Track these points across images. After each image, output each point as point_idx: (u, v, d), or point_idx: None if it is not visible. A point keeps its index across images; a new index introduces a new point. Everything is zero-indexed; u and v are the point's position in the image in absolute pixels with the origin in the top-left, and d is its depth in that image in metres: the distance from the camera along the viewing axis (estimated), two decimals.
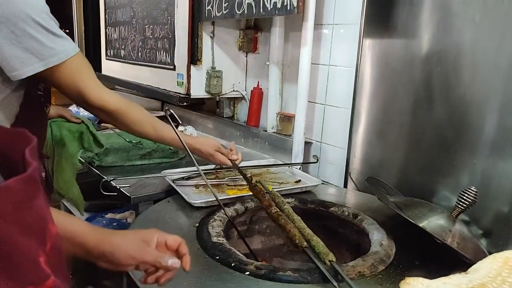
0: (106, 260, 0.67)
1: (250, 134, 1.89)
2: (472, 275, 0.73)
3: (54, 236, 0.38)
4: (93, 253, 0.66)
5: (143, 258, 0.68)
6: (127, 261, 0.67)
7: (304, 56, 1.50)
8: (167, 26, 1.94)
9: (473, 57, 1.11)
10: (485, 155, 1.09)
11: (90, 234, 0.67)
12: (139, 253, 0.68)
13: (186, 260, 0.73)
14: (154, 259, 0.68)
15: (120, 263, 0.67)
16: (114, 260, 0.67)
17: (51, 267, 0.36)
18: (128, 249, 0.68)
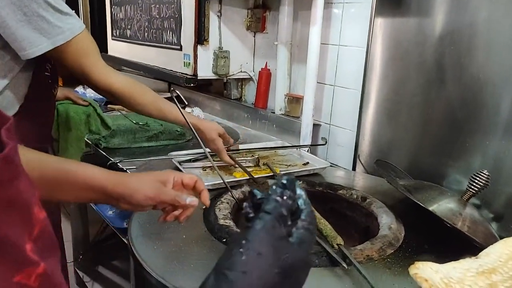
0: (125, 202, 0.69)
1: (257, 116, 1.87)
2: (483, 260, 0.72)
3: (42, 221, 0.36)
4: (112, 195, 0.69)
5: (160, 198, 0.70)
6: (145, 201, 0.70)
7: (313, 35, 1.47)
8: (174, 5, 1.91)
9: (488, 36, 1.07)
10: (499, 137, 1.06)
11: (107, 178, 0.69)
12: (157, 193, 0.70)
13: (204, 195, 0.76)
14: (171, 198, 0.71)
15: (139, 204, 0.70)
16: (133, 202, 0.69)
17: (40, 254, 0.34)
18: (146, 190, 0.70)
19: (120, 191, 0.69)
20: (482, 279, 0.66)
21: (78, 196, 0.70)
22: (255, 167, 1.31)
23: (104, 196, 0.69)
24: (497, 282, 0.65)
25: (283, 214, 0.43)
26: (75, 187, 0.68)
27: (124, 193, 0.69)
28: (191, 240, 0.88)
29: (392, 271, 0.80)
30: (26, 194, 0.35)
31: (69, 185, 0.67)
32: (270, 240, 0.41)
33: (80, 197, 0.70)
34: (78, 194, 0.69)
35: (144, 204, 0.70)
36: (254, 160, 1.33)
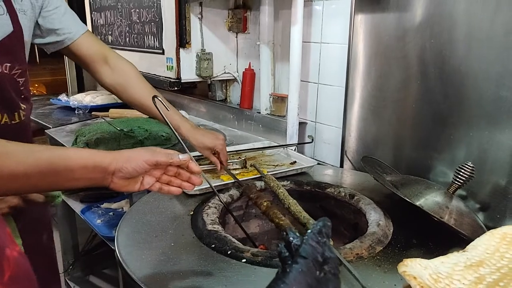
0: (121, 175, 0.73)
1: (243, 116, 1.86)
2: (470, 253, 0.72)
3: (14, 260, 0.35)
4: (109, 169, 0.72)
5: (156, 159, 0.74)
6: (142, 165, 0.74)
7: (295, 34, 1.47)
8: (154, 9, 1.89)
9: (468, 28, 1.08)
10: (482, 128, 1.07)
11: (103, 155, 0.74)
12: (152, 155, 0.75)
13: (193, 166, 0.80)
14: (166, 157, 0.75)
15: (135, 171, 0.74)
16: (129, 170, 0.73)
17: None
18: (141, 155, 0.75)
19: (118, 162, 0.73)
20: (470, 272, 0.66)
21: (75, 178, 0.71)
22: (242, 169, 1.30)
23: (100, 174, 0.72)
24: (485, 275, 0.65)
25: (318, 259, 0.46)
26: (72, 171, 0.70)
27: (121, 163, 0.73)
28: (179, 247, 0.87)
29: (382, 269, 0.80)
30: None
31: (66, 170, 0.70)
32: (306, 283, 0.43)
33: (77, 180, 0.72)
34: (75, 176, 0.71)
35: (140, 170, 0.74)
36: (241, 162, 1.33)
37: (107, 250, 1.70)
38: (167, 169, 0.79)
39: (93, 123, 1.94)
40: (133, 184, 0.77)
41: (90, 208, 1.71)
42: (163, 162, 0.76)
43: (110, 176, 0.74)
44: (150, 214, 1.02)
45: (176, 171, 0.80)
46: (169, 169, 0.79)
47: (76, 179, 0.72)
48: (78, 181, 0.73)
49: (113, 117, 2.06)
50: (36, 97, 3.07)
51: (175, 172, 0.80)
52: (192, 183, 0.81)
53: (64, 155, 0.72)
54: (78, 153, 0.76)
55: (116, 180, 0.74)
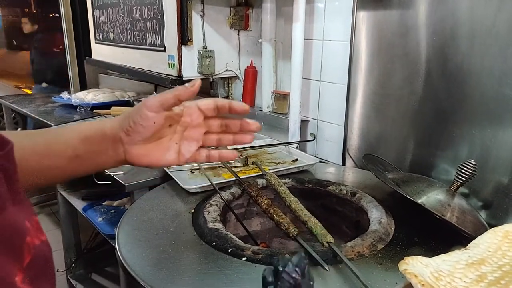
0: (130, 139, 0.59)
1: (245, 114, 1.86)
2: (472, 251, 0.72)
3: (36, 247, 0.36)
4: (112, 133, 0.59)
5: (158, 98, 0.59)
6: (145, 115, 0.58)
7: (296, 31, 1.46)
8: (155, 6, 1.89)
9: (470, 25, 1.07)
10: (484, 126, 1.06)
11: (104, 120, 0.62)
12: (154, 97, 0.60)
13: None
14: (170, 91, 0.60)
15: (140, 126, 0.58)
16: (132, 125, 0.58)
17: (32, 282, 0.34)
18: (143, 101, 0.60)
19: (118, 122, 0.60)
20: (471, 270, 0.66)
21: (78, 155, 0.59)
22: (244, 167, 1.30)
23: (106, 143, 0.60)
24: (486, 273, 0.64)
25: None
26: (72, 148, 0.59)
27: (121, 121, 0.60)
28: (180, 245, 0.87)
29: (383, 267, 0.80)
30: (18, 222, 0.34)
31: (65, 148, 0.59)
32: None
33: (82, 158, 0.59)
34: (78, 153, 0.59)
35: (145, 118, 0.58)
36: (242, 159, 1.33)
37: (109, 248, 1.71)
38: (208, 124, 0.64)
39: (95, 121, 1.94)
40: (160, 151, 0.61)
41: (92, 206, 1.72)
42: (168, 99, 0.59)
43: (119, 145, 0.60)
44: (151, 212, 1.02)
45: (221, 123, 0.64)
46: (210, 124, 0.64)
47: (80, 157, 0.59)
48: (83, 160, 0.60)
49: (115, 114, 2.06)
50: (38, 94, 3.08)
51: (221, 125, 0.64)
52: (249, 129, 0.64)
53: (63, 130, 0.61)
54: (77, 126, 0.63)
55: (130, 149, 0.60)
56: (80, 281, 2.11)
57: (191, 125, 0.64)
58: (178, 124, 0.63)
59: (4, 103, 2.58)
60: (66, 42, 2.97)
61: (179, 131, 0.63)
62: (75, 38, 2.96)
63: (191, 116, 0.63)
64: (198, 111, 0.63)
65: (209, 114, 0.64)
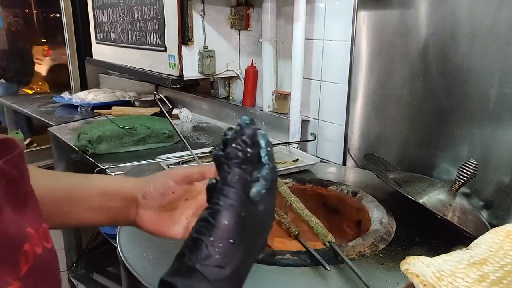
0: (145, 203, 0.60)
1: (246, 114, 1.86)
2: (473, 251, 0.72)
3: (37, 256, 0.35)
4: (131, 194, 0.60)
5: (183, 171, 0.61)
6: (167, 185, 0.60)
7: (297, 31, 1.46)
8: (156, 6, 1.89)
9: (470, 25, 1.07)
10: (485, 125, 1.06)
11: (128, 179, 0.64)
12: (179, 168, 0.62)
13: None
14: (197, 168, 0.61)
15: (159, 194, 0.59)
16: (152, 192, 0.59)
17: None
18: (168, 171, 0.63)
19: (140, 185, 0.60)
20: (473, 270, 0.66)
21: (92, 208, 0.60)
22: None
23: (121, 202, 0.60)
24: (488, 273, 0.64)
25: (247, 179, 0.41)
26: (90, 197, 0.60)
27: (143, 185, 0.60)
28: (181, 244, 0.86)
29: (385, 266, 0.80)
30: (12, 230, 0.33)
31: (83, 197, 0.60)
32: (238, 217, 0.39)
33: (95, 210, 0.60)
34: (93, 205, 0.60)
35: (166, 188, 0.59)
36: None
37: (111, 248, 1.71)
38: None
39: (95, 120, 1.94)
40: (169, 222, 0.61)
41: None
42: (193, 173, 0.60)
43: (133, 206, 0.60)
44: None
45: None
46: None
47: (93, 209, 0.60)
48: (96, 212, 0.61)
49: (116, 114, 2.06)
50: (39, 94, 3.08)
51: None
52: None
53: (85, 180, 0.63)
54: (100, 178, 0.65)
55: (143, 212, 0.60)
56: (81, 281, 2.11)
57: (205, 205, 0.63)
58: (194, 200, 0.63)
59: (5, 103, 2.58)
60: (67, 42, 2.97)
61: (193, 208, 0.63)
62: (75, 38, 2.96)
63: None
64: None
65: None
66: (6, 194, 0.35)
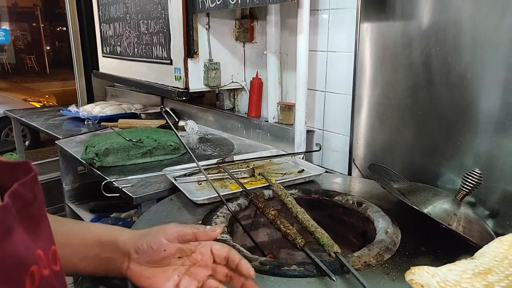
0: (137, 258, 0.61)
1: (251, 125, 1.88)
2: (478, 260, 0.72)
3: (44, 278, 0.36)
4: (124, 247, 0.62)
5: (177, 229, 0.62)
6: (159, 242, 0.61)
7: (301, 43, 1.48)
8: (161, 20, 1.92)
9: (473, 35, 1.08)
10: (489, 134, 1.07)
11: (124, 230, 0.66)
12: (173, 227, 0.63)
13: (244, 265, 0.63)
14: (191, 228, 0.63)
15: (151, 250, 0.61)
16: (144, 247, 0.61)
17: None
18: (162, 227, 0.63)
19: (134, 239, 0.62)
20: (478, 280, 0.66)
21: (89, 256, 0.62)
22: (250, 178, 1.31)
23: (115, 253, 0.62)
24: (493, 282, 0.65)
25: None
26: (87, 246, 0.62)
27: (136, 239, 0.62)
28: None
29: (390, 277, 0.80)
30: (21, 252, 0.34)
31: (81, 245, 0.62)
32: None
33: (91, 259, 0.62)
34: (89, 254, 0.62)
35: (158, 245, 0.61)
36: (249, 170, 1.34)
37: None
38: (215, 270, 0.65)
39: (102, 133, 1.97)
40: (161, 278, 0.62)
41: (100, 218, 1.73)
42: (186, 234, 0.61)
43: (126, 258, 0.62)
44: (158, 224, 1.03)
45: (227, 273, 0.65)
46: (217, 270, 0.65)
47: (89, 258, 0.62)
48: (91, 261, 0.62)
49: (122, 127, 2.08)
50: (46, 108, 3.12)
51: (226, 275, 0.65)
52: None
53: (85, 228, 0.65)
54: (99, 227, 0.66)
55: (134, 267, 0.61)
56: None
57: (198, 264, 0.65)
58: (187, 258, 0.65)
59: (13, 117, 2.62)
60: (74, 55, 3.01)
61: (186, 265, 0.65)
62: (82, 51, 3.01)
63: (202, 255, 0.65)
64: (210, 252, 0.65)
65: (218, 260, 0.65)
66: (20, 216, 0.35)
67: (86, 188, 1.95)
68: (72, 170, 1.99)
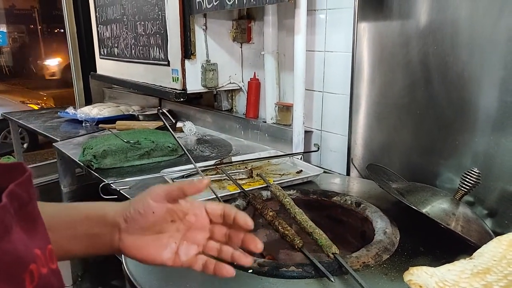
0: (127, 227, 0.57)
1: (249, 126, 1.87)
2: (477, 260, 0.72)
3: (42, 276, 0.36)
4: (114, 218, 0.58)
5: (163, 188, 0.58)
6: (147, 205, 0.56)
7: (298, 43, 1.48)
8: (158, 21, 1.91)
9: (470, 34, 1.08)
10: (487, 133, 1.07)
11: (112, 203, 0.62)
12: (159, 187, 0.58)
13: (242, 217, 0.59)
14: (179, 184, 0.58)
15: (139, 215, 0.56)
16: (132, 213, 0.57)
17: None
18: (148, 190, 0.59)
19: (122, 208, 0.58)
20: (477, 280, 0.66)
21: (76, 235, 0.58)
22: (248, 179, 1.31)
23: (105, 227, 0.58)
24: (492, 282, 0.64)
25: None
26: (74, 223, 0.58)
27: (124, 207, 0.58)
28: None
29: (389, 277, 0.80)
30: (20, 250, 0.35)
31: (68, 223, 0.58)
32: None
33: (80, 239, 0.58)
34: (77, 233, 0.58)
35: (147, 207, 0.56)
36: (247, 171, 1.33)
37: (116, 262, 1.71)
38: (213, 231, 0.61)
39: (100, 135, 1.96)
40: (156, 247, 0.58)
41: None
42: (172, 191, 0.57)
43: (116, 231, 0.57)
44: None
45: (226, 232, 0.61)
46: (215, 231, 0.61)
47: (78, 238, 0.58)
48: (81, 241, 0.58)
49: (120, 129, 2.08)
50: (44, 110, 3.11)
51: (225, 234, 0.61)
52: (249, 247, 0.60)
53: (70, 208, 0.62)
54: (85, 204, 0.62)
55: (126, 237, 0.57)
56: None
57: (194, 226, 0.61)
58: (181, 222, 0.60)
59: (11, 119, 2.61)
60: (71, 57, 3.01)
61: (182, 230, 0.60)
62: (80, 53, 3.00)
63: (196, 216, 0.60)
64: (204, 213, 0.61)
65: (214, 219, 0.61)
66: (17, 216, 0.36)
67: (84, 190, 1.95)
68: (70, 172, 1.98)
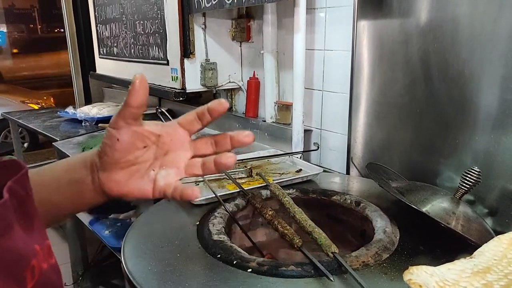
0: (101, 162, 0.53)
1: (249, 125, 1.87)
2: (477, 259, 0.72)
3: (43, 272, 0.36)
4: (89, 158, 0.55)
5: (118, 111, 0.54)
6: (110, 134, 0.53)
7: (298, 42, 1.47)
8: (157, 20, 1.91)
9: (471, 31, 1.07)
10: (487, 132, 1.06)
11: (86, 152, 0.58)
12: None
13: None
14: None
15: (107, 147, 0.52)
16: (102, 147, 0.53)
17: None
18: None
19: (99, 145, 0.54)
20: (477, 279, 0.65)
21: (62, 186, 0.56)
22: (248, 178, 1.30)
23: (83, 170, 0.55)
24: (492, 281, 0.64)
25: None
26: (58, 177, 0.56)
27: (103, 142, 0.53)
28: (185, 258, 0.87)
29: (389, 276, 0.79)
30: (21, 247, 0.35)
31: (53, 177, 0.57)
32: None
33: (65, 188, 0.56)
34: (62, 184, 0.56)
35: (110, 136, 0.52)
36: (246, 170, 1.33)
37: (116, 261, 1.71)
38: (196, 146, 0.54)
39: (100, 134, 1.96)
40: (135, 180, 0.53)
41: (99, 219, 1.72)
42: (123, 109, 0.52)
43: (94, 170, 0.54)
44: (156, 225, 1.03)
45: (210, 141, 0.54)
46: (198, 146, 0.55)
47: (62, 189, 0.55)
48: (65, 192, 0.56)
49: None
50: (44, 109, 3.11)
51: (210, 144, 0.54)
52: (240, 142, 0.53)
53: (56, 162, 0.60)
54: (64, 159, 0.61)
55: (102, 175, 0.53)
56: None
57: (173, 148, 0.55)
58: (157, 146, 0.54)
59: (11, 119, 2.61)
60: (71, 57, 3.00)
61: (160, 155, 0.54)
62: (79, 53, 3.00)
63: (171, 136, 0.54)
64: (178, 128, 0.55)
65: (191, 128, 0.55)
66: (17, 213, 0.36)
67: None
68: None
